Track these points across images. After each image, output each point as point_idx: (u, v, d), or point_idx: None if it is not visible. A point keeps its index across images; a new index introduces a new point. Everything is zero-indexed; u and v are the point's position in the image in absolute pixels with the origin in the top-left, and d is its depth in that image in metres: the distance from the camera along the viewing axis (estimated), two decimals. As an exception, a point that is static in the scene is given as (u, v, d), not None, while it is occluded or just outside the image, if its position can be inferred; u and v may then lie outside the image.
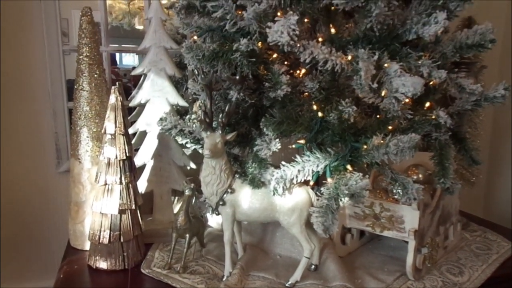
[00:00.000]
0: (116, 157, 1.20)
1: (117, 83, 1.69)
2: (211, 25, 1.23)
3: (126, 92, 2.03)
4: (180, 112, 1.49)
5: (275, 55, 1.10)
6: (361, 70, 0.91)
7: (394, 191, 1.13)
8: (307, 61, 0.97)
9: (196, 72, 1.17)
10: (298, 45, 0.97)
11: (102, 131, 1.22)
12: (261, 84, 1.15)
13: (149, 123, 1.41)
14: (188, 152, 1.49)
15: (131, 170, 1.23)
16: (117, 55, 3.70)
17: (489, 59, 1.58)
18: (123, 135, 1.21)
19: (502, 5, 2.13)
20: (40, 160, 1.60)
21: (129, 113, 1.53)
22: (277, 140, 1.11)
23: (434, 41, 1.06)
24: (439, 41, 1.08)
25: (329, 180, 1.06)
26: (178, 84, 1.65)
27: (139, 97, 1.41)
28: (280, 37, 0.92)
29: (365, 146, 1.04)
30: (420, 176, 1.37)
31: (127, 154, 1.21)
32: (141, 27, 3.35)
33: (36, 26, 1.48)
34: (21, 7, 1.47)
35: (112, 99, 1.21)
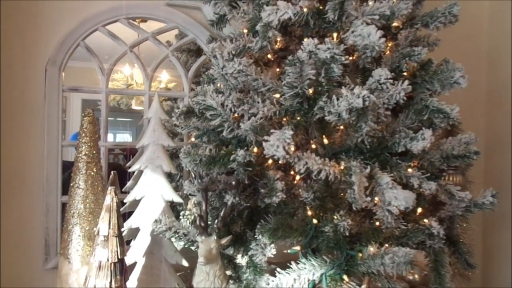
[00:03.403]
0: (108, 260, 1.17)
1: (112, 172, 1.71)
2: (208, 128, 1.28)
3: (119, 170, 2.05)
4: (175, 207, 1.50)
5: (270, 161, 1.14)
6: (355, 184, 0.94)
7: (392, 296, 1.12)
8: (302, 171, 1.01)
9: (193, 175, 1.20)
10: (293, 155, 1.01)
11: (95, 232, 1.21)
12: (256, 184, 1.17)
13: (142, 219, 1.40)
14: (180, 245, 1.46)
15: (122, 273, 1.20)
16: (111, 135, 3.77)
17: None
18: (116, 236, 1.19)
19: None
20: (27, 254, 1.55)
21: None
22: (272, 245, 1.11)
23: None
24: (427, 150, 1.13)
25: (325, 289, 1.05)
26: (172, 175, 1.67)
27: (134, 193, 1.42)
28: (276, 151, 0.96)
29: (360, 254, 1.04)
30: (416, 276, 1.35)
31: (119, 257, 1.19)
32: (137, 108, 3.47)
33: (37, 122, 1.52)
34: (24, 103, 1.52)
35: (108, 200, 1.21)
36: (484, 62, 2.24)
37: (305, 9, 1.14)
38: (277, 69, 1.41)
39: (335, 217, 1.00)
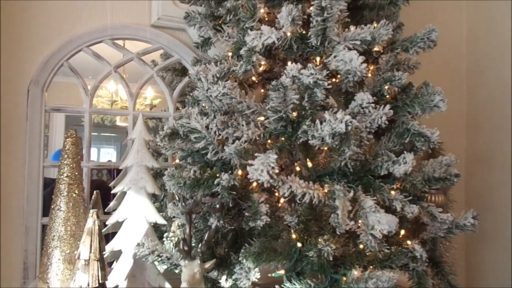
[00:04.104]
0: (88, 285, 1.15)
1: (94, 192, 1.67)
2: (193, 149, 1.28)
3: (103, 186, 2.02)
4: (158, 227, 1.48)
5: (254, 184, 1.14)
6: (338, 209, 0.95)
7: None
8: (286, 195, 1.01)
9: (177, 198, 1.19)
10: (277, 179, 1.01)
11: (76, 256, 1.18)
12: (241, 205, 1.17)
13: (125, 241, 1.38)
14: (163, 268, 1.44)
15: (103, 299, 1.17)
16: (95, 150, 3.72)
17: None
18: (97, 261, 1.17)
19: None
20: (5, 278, 1.50)
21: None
22: (257, 269, 1.10)
23: (404, 173, 1.13)
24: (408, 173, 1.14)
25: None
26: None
27: (116, 215, 1.40)
28: (260, 175, 0.96)
29: (344, 278, 1.04)
30: (400, 298, 1.35)
31: (100, 281, 1.16)
32: (122, 124, 3.43)
33: (18, 142, 1.49)
34: (6, 123, 1.49)
35: (90, 223, 1.19)
36: (463, 82, 2.30)
37: (288, 34, 1.15)
38: (262, 90, 1.43)
39: (320, 240, 1.00)
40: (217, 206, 1.12)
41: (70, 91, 1.87)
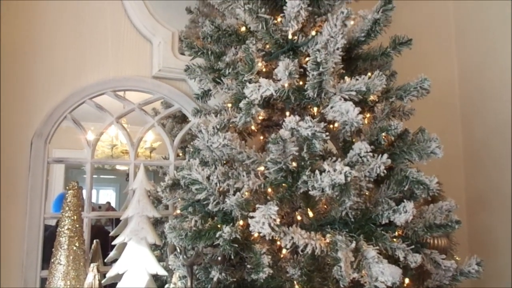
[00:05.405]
0: None
1: (94, 241, 1.66)
2: (194, 199, 1.28)
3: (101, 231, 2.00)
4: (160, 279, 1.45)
5: (256, 235, 1.13)
6: (341, 261, 0.94)
7: None
8: (288, 246, 1.01)
9: (178, 250, 1.18)
10: (279, 231, 1.02)
11: (75, 313, 1.16)
12: (242, 255, 1.16)
13: (125, 295, 1.36)
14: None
15: None
16: (95, 191, 3.70)
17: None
18: (97, 317, 1.15)
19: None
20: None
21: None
22: (260, 324, 1.08)
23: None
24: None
25: None
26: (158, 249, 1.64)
27: (116, 267, 1.38)
28: (262, 228, 0.96)
29: (350, 332, 1.02)
30: None
31: None
32: (122, 168, 3.44)
33: (20, 194, 1.50)
34: (8, 175, 1.51)
35: (90, 277, 1.18)
36: (458, 121, 2.35)
37: (286, 86, 1.19)
38: (261, 137, 1.45)
39: (323, 294, 0.99)
40: (219, 258, 1.11)
41: (69, 134, 1.90)
